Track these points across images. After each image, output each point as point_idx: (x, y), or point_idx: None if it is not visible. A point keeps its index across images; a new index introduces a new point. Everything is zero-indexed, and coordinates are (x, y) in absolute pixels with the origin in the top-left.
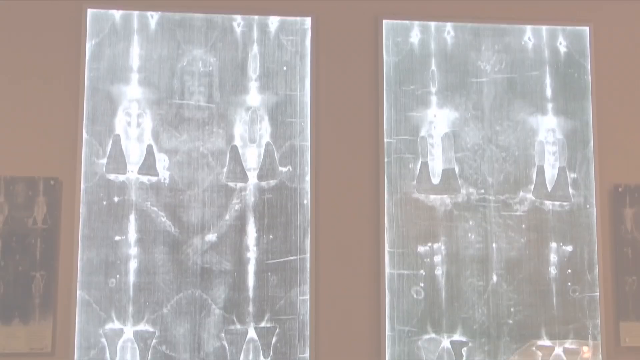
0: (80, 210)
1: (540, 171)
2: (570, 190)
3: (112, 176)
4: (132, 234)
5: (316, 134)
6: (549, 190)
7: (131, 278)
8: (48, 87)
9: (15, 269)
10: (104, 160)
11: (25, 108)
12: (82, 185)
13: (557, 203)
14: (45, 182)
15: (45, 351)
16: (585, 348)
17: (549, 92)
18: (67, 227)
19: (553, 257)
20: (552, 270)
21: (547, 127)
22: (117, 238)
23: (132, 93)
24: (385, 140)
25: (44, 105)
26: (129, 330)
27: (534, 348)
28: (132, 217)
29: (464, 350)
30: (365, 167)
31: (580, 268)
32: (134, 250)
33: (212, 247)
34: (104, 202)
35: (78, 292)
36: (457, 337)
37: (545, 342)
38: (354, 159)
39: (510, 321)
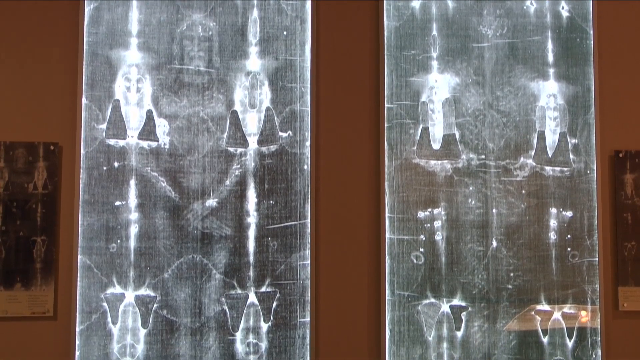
0: (81, 176)
1: (541, 137)
2: (571, 156)
3: (112, 141)
4: (133, 199)
5: (316, 99)
6: (550, 155)
7: (132, 243)
8: (47, 52)
9: (16, 234)
10: (103, 126)
11: (24, 73)
12: (82, 151)
13: (558, 169)
14: (45, 148)
15: (47, 315)
16: (583, 313)
17: (550, 57)
18: (67, 192)
19: (553, 223)
20: (552, 236)
21: (549, 92)
22: (117, 203)
23: (132, 58)
24: (386, 105)
25: (43, 70)
26: (130, 295)
27: (532, 313)
28: (132, 183)
29: (463, 315)
30: (365, 133)
31: (579, 233)
32: (134, 216)
33: (213, 213)
34: (104, 168)
35: (79, 256)
36: (456, 302)
37: (544, 306)
38: (354, 125)
39: (510, 286)
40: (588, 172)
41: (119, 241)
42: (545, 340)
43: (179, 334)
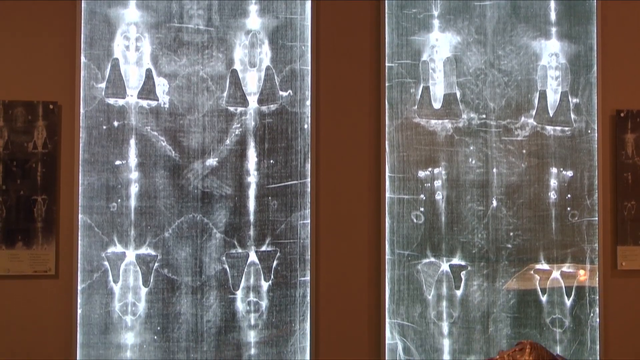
0: (80, 135)
1: (542, 96)
2: (572, 116)
3: (111, 100)
4: (133, 159)
5: (317, 58)
6: (551, 115)
7: (132, 202)
8: (45, 11)
9: (17, 193)
10: (102, 85)
11: (23, 32)
12: (82, 110)
13: (559, 128)
14: (44, 107)
15: (49, 274)
16: (581, 272)
17: (553, 15)
18: (67, 152)
19: (553, 182)
20: (552, 195)
21: (550, 51)
22: (117, 162)
23: (130, 16)
24: (387, 64)
25: (41, 28)
26: (131, 254)
27: (532, 272)
28: (132, 142)
29: (462, 274)
30: (366, 92)
31: (579, 193)
32: (134, 175)
33: (213, 172)
34: (104, 127)
35: (80, 216)
36: (456, 261)
37: (544, 265)
38: (355, 84)
39: (509, 245)
40: (589, 131)
41: (119, 200)
42: (544, 298)
43: (179, 293)
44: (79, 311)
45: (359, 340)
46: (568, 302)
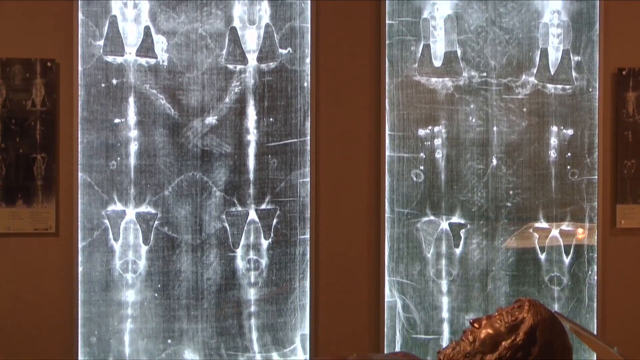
0: (79, 93)
1: (544, 54)
2: (573, 74)
3: (109, 58)
4: (132, 117)
5: (316, 15)
6: (552, 73)
7: (132, 160)
8: None
9: (16, 151)
10: (101, 42)
11: None
12: (80, 68)
13: (560, 86)
14: (42, 64)
15: (49, 232)
16: (580, 230)
17: None
18: (66, 110)
19: (553, 141)
20: (552, 154)
21: (552, 8)
22: (116, 120)
23: None
24: (387, 22)
25: None
26: (131, 212)
27: (531, 230)
28: (131, 100)
29: (462, 232)
30: (366, 50)
31: (580, 152)
32: (134, 133)
33: (212, 130)
34: (103, 85)
35: (79, 174)
36: (455, 219)
37: (543, 224)
38: (355, 41)
39: (509, 204)
40: (590, 89)
41: (118, 159)
42: (542, 257)
43: (180, 251)
44: (80, 269)
45: (358, 298)
46: (567, 260)
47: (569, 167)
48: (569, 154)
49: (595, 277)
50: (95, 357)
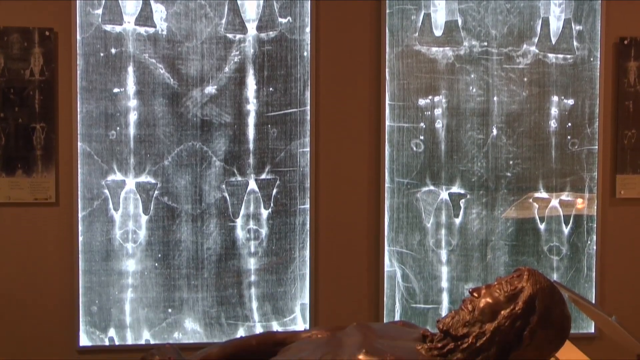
0: (78, 62)
1: (545, 23)
2: (575, 43)
3: (108, 27)
4: (131, 86)
5: None
6: (553, 43)
7: (131, 130)
8: None
9: (15, 121)
10: (99, 11)
11: None
12: (78, 37)
13: (561, 56)
14: (40, 33)
15: (49, 201)
16: (579, 200)
17: None
18: (64, 79)
19: (554, 111)
20: (552, 124)
21: None
22: (115, 90)
23: None
24: None
25: None
26: (130, 182)
27: (530, 200)
28: (130, 69)
29: (462, 202)
30: (366, 19)
31: (580, 122)
32: (133, 103)
33: (212, 100)
34: (101, 54)
35: (79, 144)
36: (455, 189)
37: (542, 194)
38: (355, 10)
39: (509, 174)
40: (591, 59)
41: (118, 128)
42: (542, 227)
43: (180, 220)
44: (80, 238)
45: (358, 268)
46: (566, 230)
47: (569, 137)
48: (569, 124)
49: (594, 247)
50: (96, 326)
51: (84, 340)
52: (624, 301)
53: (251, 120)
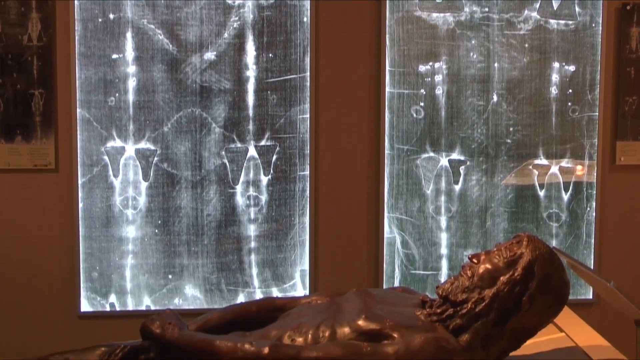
0: (76, 28)
1: None
2: (577, 9)
3: None
4: (130, 52)
5: None
6: (555, 8)
7: (130, 97)
8: None
9: (14, 87)
10: None
11: None
12: (76, 2)
13: (562, 22)
14: None
15: (49, 168)
16: (579, 167)
17: None
18: (63, 45)
19: (555, 77)
20: (553, 91)
21: None
22: (114, 56)
23: None
24: None
25: None
26: (130, 148)
27: (530, 167)
28: (128, 35)
29: (461, 169)
30: None
31: (581, 88)
32: (132, 69)
33: (211, 66)
34: (99, 19)
35: (78, 110)
36: (455, 156)
37: (542, 161)
38: None
39: (509, 141)
40: (593, 25)
41: (117, 95)
42: (541, 193)
43: (179, 187)
44: (80, 205)
45: (357, 234)
46: (565, 197)
47: (569, 103)
48: (570, 91)
49: (594, 214)
50: (97, 292)
51: (85, 306)
52: (622, 267)
53: (251, 86)
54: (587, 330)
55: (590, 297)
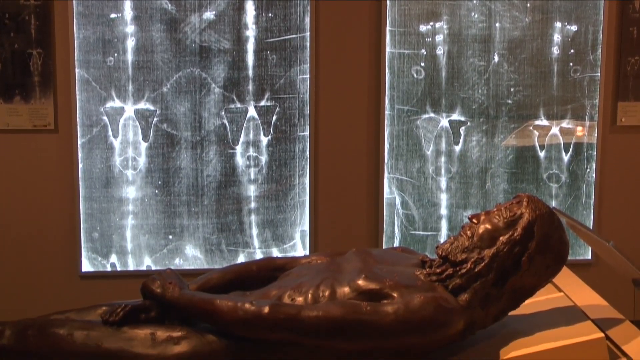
0: None
1: None
2: None
3: None
4: (128, 12)
5: None
6: None
7: (129, 57)
8: None
9: (11, 46)
10: None
11: None
12: None
13: None
14: None
15: (48, 128)
16: (579, 128)
17: None
18: (60, 4)
19: (556, 37)
20: (555, 51)
21: None
22: (112, 15)
23: None
24: None
25: None
26: (129, 109)
27: (531, 128)
28: None
29: (462, 130)
30: None
31: (583, 48)
32: (130, 29)
33: (211, 26)
34: None
35: (76, 70)
36: (455, 116)
37: (543, 122)
38: None
39: (510, 101)
40: None
41: (116, 55)
42: (542, 154)
43: (179, 148)
44: (80, 165)
45: (357, 195)
46: (566, 157)
47: (571, 64)
48: (572, 51)
49: (594, 175)
50: (98, 252)
51: (86, 266)
52: (621, 228)
53: (250, 46)
54: (586, 290)
55: (589, 257)
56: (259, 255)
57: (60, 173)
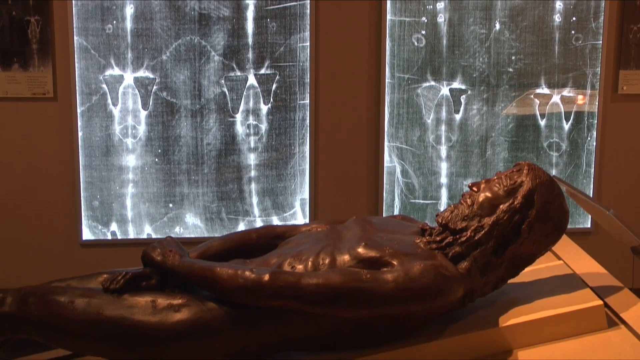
0: None
1: None
2: None
3: None
4: None
5: None
6: None
7: (128, 24)
8: None
9: (9, 14)
10: None
11: None
12: None
13: None
14: None
15: (47, 96)
16: (580, 96)
17: None
18: None
19: (558, 5)
20: (557, 18)
21: None
22: None
23: None
24: None
25: None
26: (129, 77)
27: (532, 96)
28: None
29: (462, 98)
30: None
31: (585, 16)
32: None
33: None
34: None
35: (75, 37)
36: (456, 85)
37: (544, 90)
38: None
39: (511, 70)
40: None
41: (114, 22)
42: (542, 123)
43: (179, 116)
44: (80, 134)
45: (357, 163)
46: (566, 126)
47: (573, 32)
48: (574, 18)
49: (594, 144)
50: (98, 221)
51: (87, 235)
52: (621, 196)
53: (250, 13)
54: (585, 258)
55: (589, 226)
56: (259, 223)
57: (59, 142)
